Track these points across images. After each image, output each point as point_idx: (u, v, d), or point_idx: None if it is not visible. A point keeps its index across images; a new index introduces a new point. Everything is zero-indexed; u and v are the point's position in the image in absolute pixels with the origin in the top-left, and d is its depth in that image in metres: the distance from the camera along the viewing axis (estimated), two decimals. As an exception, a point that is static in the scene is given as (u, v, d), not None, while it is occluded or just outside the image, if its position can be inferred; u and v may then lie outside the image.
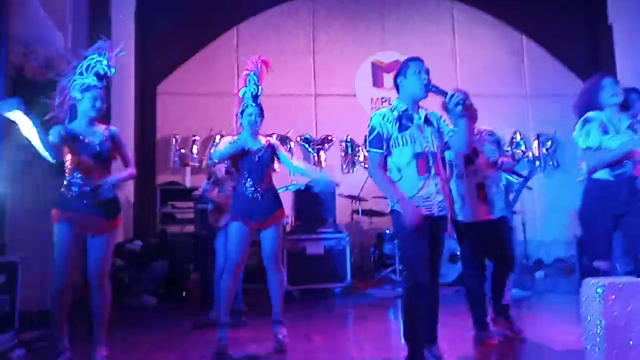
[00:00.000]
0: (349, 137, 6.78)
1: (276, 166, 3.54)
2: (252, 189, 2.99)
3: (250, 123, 3.02)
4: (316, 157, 6.74)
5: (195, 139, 6.46)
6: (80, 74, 2.60)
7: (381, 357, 2.96)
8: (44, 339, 3.00)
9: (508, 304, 3.15)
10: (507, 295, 3.15)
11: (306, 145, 6.77)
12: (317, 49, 6.98)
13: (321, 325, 3.74)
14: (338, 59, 6.96)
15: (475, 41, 7.26)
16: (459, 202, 3.00)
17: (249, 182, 3.00)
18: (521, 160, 7.00)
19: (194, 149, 6.50)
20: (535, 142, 7.17)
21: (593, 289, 1.50)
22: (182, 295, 4.91)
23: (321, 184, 3.16)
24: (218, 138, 6.10)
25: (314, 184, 3.17)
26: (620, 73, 6.58)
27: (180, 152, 6.48)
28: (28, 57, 3.60)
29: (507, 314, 3.12)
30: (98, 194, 2.59)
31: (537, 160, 7.07)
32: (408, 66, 2.46)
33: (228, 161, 3.19)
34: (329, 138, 6.79)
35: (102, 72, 2.61)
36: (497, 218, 3.02)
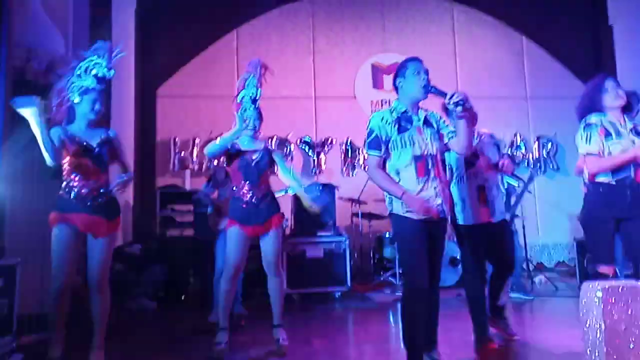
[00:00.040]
0: (349, 140, 6.77)
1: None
2: (249, 194, 2.99)
3: (249, 126, 3.02)
4: (316, 160, 6.74)
5: (195, 142, 6.47)
6: (79, 76, 2.59)
7: (381, 360, 2.95)
8: (42, 342, 2.98)
9: (504, 305, 3.15)
10: (503, 297, 3.15)
11: (306, 148, 6.77)
12: (316, 51, 6.98)
13: (321, 328, 3.73)
14: (338, 61, 6.97)
15: (476, 42, 7.26)
16: (460, 205, 2.99)
17: (246, 186, 3.00)
18: (521, 162, 6.99)
19: (194, 152, 6.51)
20: (536, 144, 7.16)
21: (593, 292, 1.49)
22: (181, 298, 4.91)
23: (309, 197, 3.15)
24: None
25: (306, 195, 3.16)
26: (621, 74, 6.57)
27: (180, 155, 6.49)
28: (29, 59, 3.60)
29: (503, 314, 3.13)
30: (107, 193, 2.60)
31: (538, 163, 7.05)
32: (407, 67, 2.43)
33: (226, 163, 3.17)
34: (329, 140, 6.79)
35: (101, 74, 2.59)
36: (497, 221, 3.02)
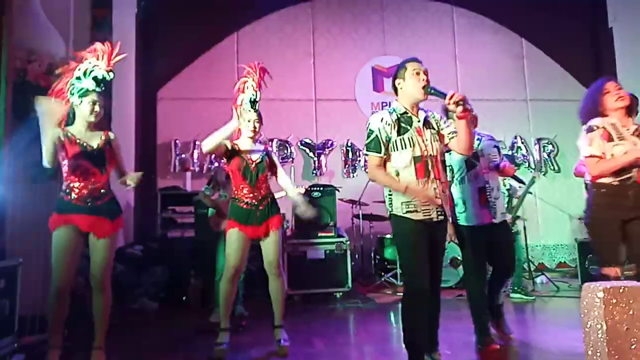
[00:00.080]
0: (350, 142, 6.79)
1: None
2: (249, 195, 3.00)
3: (249, 128, 3.03)
4: (317, 162, 6.75)
5: (195, 144, 6.48)
6: (79, 79, 2.59)
7: (382, 362, 2.95)
8: (44, 343, 2.98)
9: (501, 304, 3.16)
10: (500, 296, 3.16)
11: (307, 150, 6.78)
12: (317, 54, 7.00)
13: (322, 329, 3.72)
14: (338, 64, 6.99)
15: (476, 45, 7.28)
16: (461, 206, 3.00)
17: (246, 189, 3.00)
18: (522, 164, 6.99)
19: (195, 154, 6.53)
20: (536, 146, 7.17)
21: (594, 293, 1.49)
22: (182, 299, 4.90)
23: (302, 203, 3.18)
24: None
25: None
26: (621, 76, 6.58)
27: (181, 157, 6.51)
28: (30, 61, 3.62)
29: (499, 313, 3.14)
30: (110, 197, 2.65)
31: (540, 165, 7.06)
32: (406, 68, 2.40)
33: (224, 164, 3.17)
34: (330, 142, 6.80)
35: (101, 76, 2.59)
36: (499, 222, 3.02)
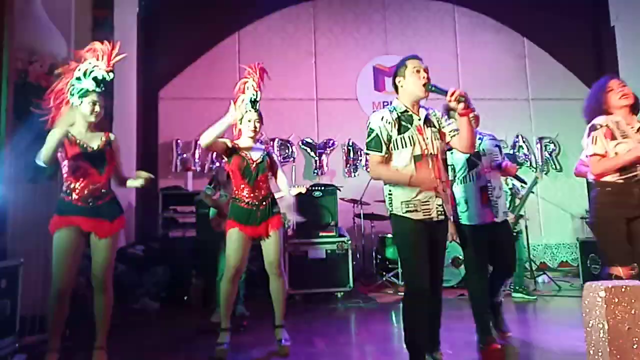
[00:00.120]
0: (351, 141, 6.78)
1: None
2: (250, 196, 2.99)
3: (249, 128, 3.02)
4: (318, 161, 6.75)
5: (197, 143, 6.48)
6: (78, 79, 2.59)
7: (383, 361, 2.94)
8: (45, 343, 2.99)
9: (499, 302, 3.16)
10: (499, 295, 3.16)
11: (308, 150, 6.78)
12: (318, 53, 7.00)
13: (323, 329, 3.72)
14: (340, 63, 6.98)
15: (478, 44, 7.27)
16: (463, 205, 2.99)
17: (246, 189, 3.00)
18: (524, 163, 6.98)
19: (196, 154, 6.53)
20: (538, 145, 7.15)
21: (595, 292, 1.48)
22: (184, 299, 4.91)
23: (288, 208, 3.18)
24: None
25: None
26: (623, 75, 6.55)
27: (182, 156, 6.52)
28: (31, 61, 3.62)
29: (498, 311, 3.14)
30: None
31: (542, 165, 7.04)
32: (406, 65, 2.37)
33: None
34: (331, 142, 6.80)
35: (101, 76, 2.59)
36: (500, 221, 3.01)
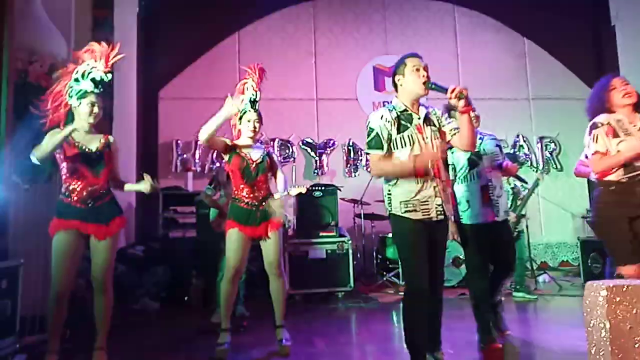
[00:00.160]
0: (351, 141, 6.78)
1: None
2: (249, 196, 2.99)
3: (249, 128, 3.02)
4: (318, 161, 6.75)
5: (197, 143, 6.48)
6: (77, 80, 2.59)
7: (384, 361, 2.94)
8: (46, 343, 2.98)
9: (499, 301, 3.16)
10: (499, 294, 3.15)
11: (308, 150, 6.78)
12: (318, 53, 6.99)
13: (324, 329, 3.72)
14: (340, 63, 6.98)
15: (478, 44, 7.26)
16: (464, 205, 2.98)
17: (245, 189, 2.99)
18: (525, 163, 6.97)
19: (196, 154, 6.53)
20: (538, 145, 7.15)
21: (597, 291, 1.48)
22: (184, 299, 4.90)
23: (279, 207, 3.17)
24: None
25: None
26: (623, 74, 6.52)
27: (182, 157, 6.52)
28: (31, 61, 3.62)
29: (497, 310, 3.14)
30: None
31: (544, 164, 7.02)
32: (405, 64, 2.35)
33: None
34: (331, 142, 6.79)
35: (99, 77, 2.58)
36: (501, 220, 3.01)
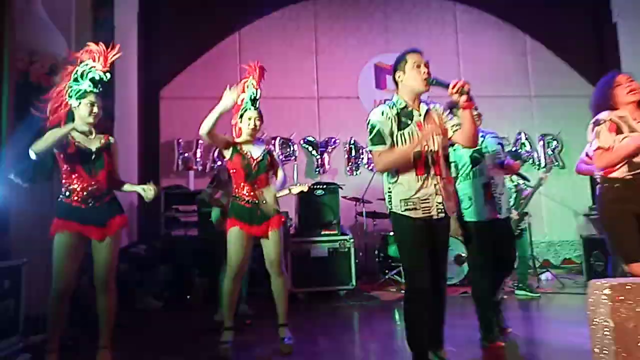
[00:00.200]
0: (353, 139, 6.77)
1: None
2: (250, 194, 2.99)
3: (250, 127, 3.02)
4: (320, 160, 6.74)
5: (198, 143, 6.49)
6: (76, 80, 2.58)
7: (387, 359, 2.94)
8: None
9: (500, 299, 3.16)
10: (500, 291, 3.16)
11: (309, 148, 6.77)
12: (319, 52, 6.99)
13: (326, 327, 3.72)
14: (341, 62, 6.97)
15: (479, 42, 7.25)
16: (466, 202, 2.97)
17: (246, 187, 2.99)
18: (527, 161, 6.96)
19: (197, 153, 6.54)
20: (540, 142, 7.13)
21: (600, 290, 1.48)
22: (186, 298, 4.91)
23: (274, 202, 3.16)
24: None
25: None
26: (625, 71, 6.53)
27: (184, 155, 6.53)
28: (32, 62, 3.62)
29: (498, 308, 3.14)
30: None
31: (546, 163, 7.00)
32: (406, 60, 2.34)
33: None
34: (333, 140, 6.79)
35: (98, 77, 2.58)
36: (503, 217, 3.01)
